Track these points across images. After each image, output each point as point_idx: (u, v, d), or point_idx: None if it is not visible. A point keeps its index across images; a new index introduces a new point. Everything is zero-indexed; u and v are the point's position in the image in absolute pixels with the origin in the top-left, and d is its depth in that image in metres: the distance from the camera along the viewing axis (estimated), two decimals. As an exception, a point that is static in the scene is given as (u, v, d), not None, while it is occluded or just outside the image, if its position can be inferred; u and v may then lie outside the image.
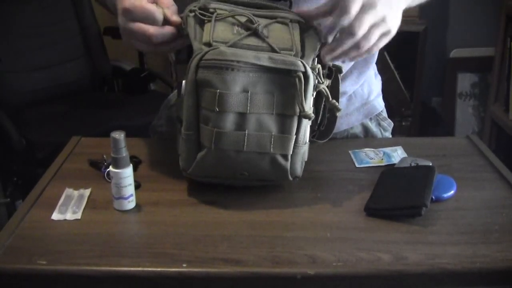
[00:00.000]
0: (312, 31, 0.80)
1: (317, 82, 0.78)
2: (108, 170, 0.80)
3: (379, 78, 1.13)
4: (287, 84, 0.74)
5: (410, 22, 2.48)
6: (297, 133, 0.77)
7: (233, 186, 0.83)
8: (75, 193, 0.84)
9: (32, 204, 0.81)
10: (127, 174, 0.78)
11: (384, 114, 1.11)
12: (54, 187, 0.86)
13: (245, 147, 0.75)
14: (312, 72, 0.75)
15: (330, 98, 0.80)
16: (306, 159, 0.81)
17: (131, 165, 0.78)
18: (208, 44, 0.75)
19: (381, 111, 1.10)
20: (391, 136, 1.13)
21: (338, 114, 0.83)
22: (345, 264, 0.68)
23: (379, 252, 0.70)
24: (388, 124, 1.12)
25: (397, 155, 0.96)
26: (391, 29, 0.78)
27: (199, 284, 0.68)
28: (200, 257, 0.69)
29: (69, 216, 0.78)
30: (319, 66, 0.78)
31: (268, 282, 0.69)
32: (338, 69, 0.85)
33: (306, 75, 0.74)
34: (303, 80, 0.73)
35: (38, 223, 0.77)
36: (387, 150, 0.98)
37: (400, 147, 0.99)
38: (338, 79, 0.86)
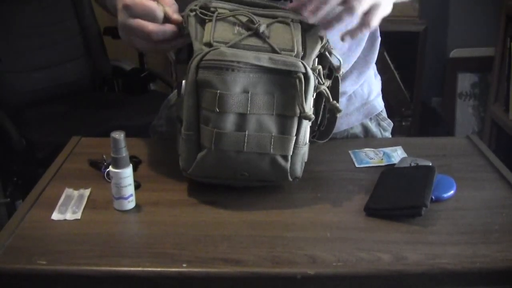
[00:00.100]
0: (313, 31, 0.80)
1: (317, 83, 0.78)
2: (108, 170, 0.80)
3: (379, 78, 1.13)
4: (287, 85, 0.74)
5: (410, 22, 2.48)
6: (297, 134, 0.77)
7: (233, 186, 0.83)
8: (75, 193, 0.84)
9: (32, 204, 0.81)
10: (127, 174, 0.78)
11: (384, 114, 1.11)
12: (54, 187, 0.86)
13: (245, 147, 0.75)
14: (313, 73, 0.75)
15: (331, 99, 0.80)
16: (306, 160, 0.81)
17: (131, 165, 0.78)
18: (209, 44, 0.75)
19: (381, 111, 1.10)
20: (391, 136, 1.13)
21: (338, 114, 0.83)
22: (345, 264, 0.68)
23: (379, 252, 0.70)
24: (388, 124, 1.12)
25: (397, 155, 0.96)
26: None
27: (199, 284, 0.68)
28: (200, 257, 0.69)
29: (69, 216, 0.78)
30: (319, 67, 0.78)
31: (268, 282, 0.69)
32: (337, 69, 0.85)
33: (307, 76, 0.74)
34: (303, 81, 0.73)
35: (38, 223, 0.77)
36: (387, 150, 0.98)
37: (400, 147, 0.99)
38: (338, 79, 0.86)
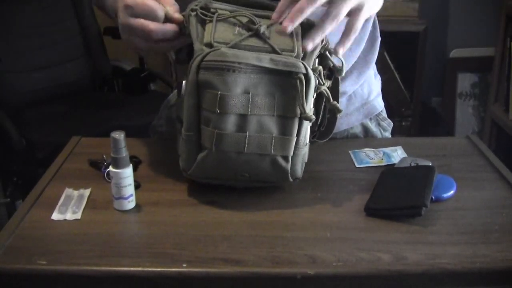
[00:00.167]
0: None
1: (318, 84, 0.77)
2: (108, 170, 0.80)
3: (379, 78, 1.13)
4: (288, 86, 0.74)
5: (410, 22, 2.48)
6: (297, 134, 0.77)
7: (233, 187, 0.83)
8: (75, 193, 0.84)
9: (32, 204, 0.81)
10: (127, 174, 0.78)
11: (384, 114, 1.11)
12: (54, 187, 0.86)
13: (246, 148, 0.75)
14: (313, 74, 0.75)
15: (331, 100, 0.80)
16: (306, 160, 0.81)
17: (131, 165, 0.78)
18: (209, 45, 0.75)
19: (381, 111, 1.10)
20: (391, 136, 1.13)
21: (339, 115, 0.83)
22: (345, 264, 0.68)
23: (379, 252, 0.70)
24: (388, 124, 1.12)
25: (397, 155, 0.96)
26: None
27: (199, 284, 0.68)
28: (200, 257, 0.69)
29: (69, 216, 0.78)
30: (320, 68, 0.78)
31: (268, 282, 0.69)
32: (338, 70, 0.85)
33: (307, 77, 0.74)
34: (304, 82, 0.73)
35: (38, 223, 0.77)
36: (387, 150, 0.98)
37: (400, 147, 0.99)
38: (337, 79, 0.86)
